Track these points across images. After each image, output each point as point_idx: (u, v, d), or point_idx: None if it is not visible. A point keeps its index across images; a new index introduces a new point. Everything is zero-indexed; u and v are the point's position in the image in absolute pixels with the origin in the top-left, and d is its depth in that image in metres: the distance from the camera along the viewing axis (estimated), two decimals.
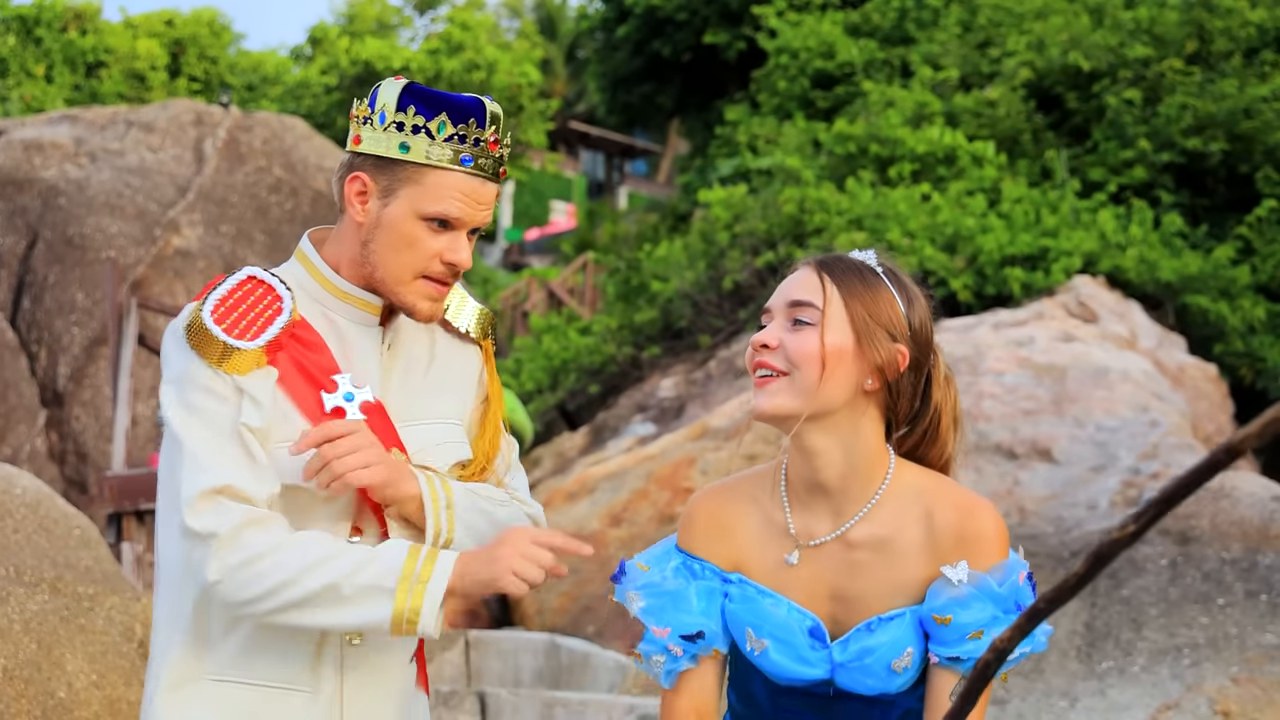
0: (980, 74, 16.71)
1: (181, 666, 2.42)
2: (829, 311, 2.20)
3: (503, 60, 26.75)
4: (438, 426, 2.54)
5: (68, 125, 15.69)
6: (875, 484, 2.21)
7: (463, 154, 2.38)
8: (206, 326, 2.37)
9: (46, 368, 13.42)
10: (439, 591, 2.26)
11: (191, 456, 2.32)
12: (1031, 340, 10.62)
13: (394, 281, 2.43)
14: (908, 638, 2.16)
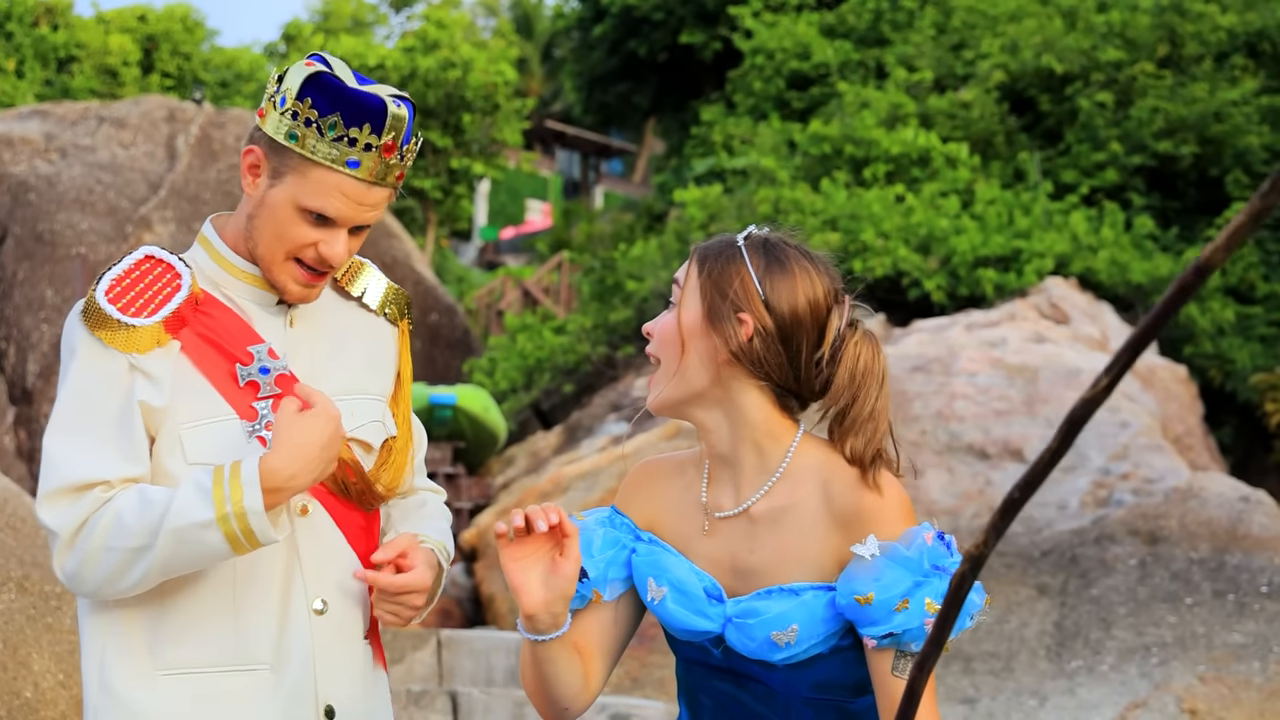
0: (954, 76, 16.77)
1: (131, 670, 2.38)
2: (685, 288, 2.24)
3: (478, 59, 26.68)
4: (360, 401, 2.53)
5: (38, 120, 15.60)
6: (777, 459, 2.22)
7: (349, 157, 2.34)
8: (100, 307, 2.35)
9: (15, 365, 13.34)
10: (253, 481, 2.23)
11: (55, 448, 2.31)
12: (1004, 341, 10.66)
13: (268, 259, 2.42)
14: (796, 615, 2.15)
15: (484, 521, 11.32)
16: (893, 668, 2.12)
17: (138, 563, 2.25)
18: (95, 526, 2.26)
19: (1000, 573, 7.77)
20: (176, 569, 2.28)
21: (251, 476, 2.24)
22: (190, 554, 2.26)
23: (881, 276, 13.14)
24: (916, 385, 10.02)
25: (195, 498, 2.24)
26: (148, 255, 2.44)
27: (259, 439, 2.40)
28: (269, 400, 2.42)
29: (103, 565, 2.26)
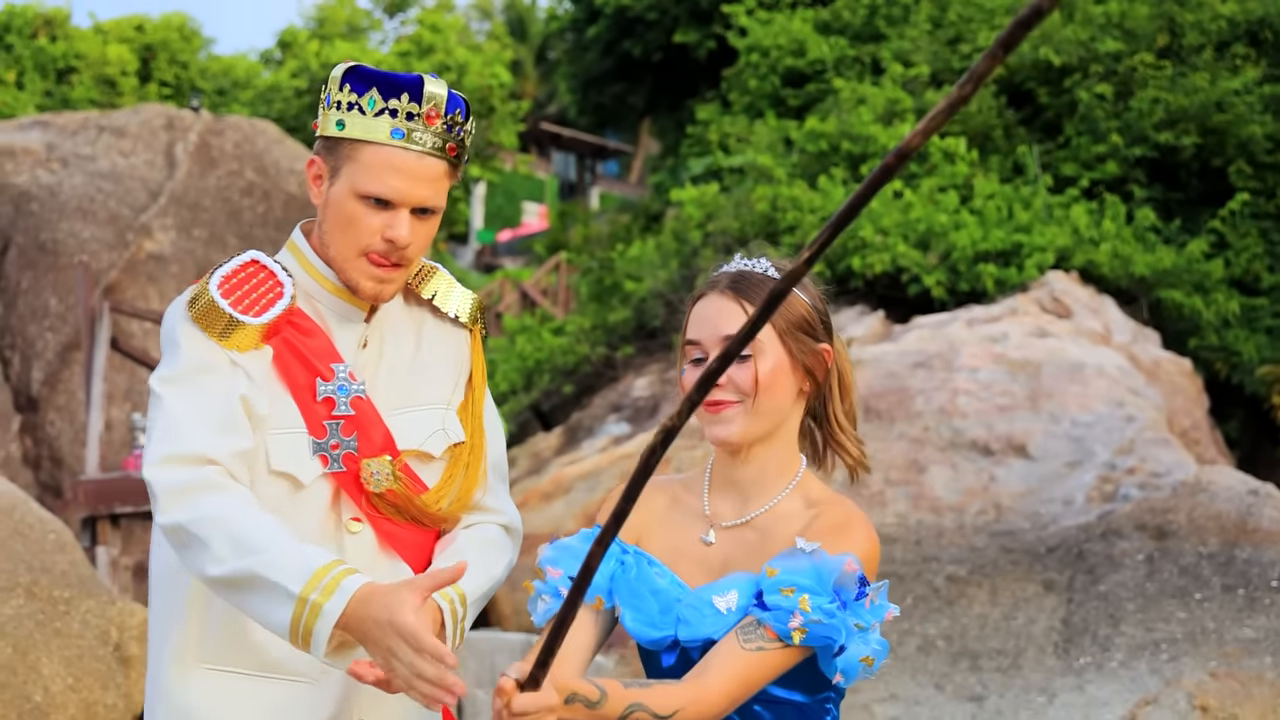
0: (951, 70, 16.75)
1: (180, 654, 2.42)
2: (764, 339, 2.38)
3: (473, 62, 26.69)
4: (425, 412, 2.54)
5: (39, 130, 15.60)
6: (788, 478, 2.41)
7: (394, 128, 2.38)
8: (214, 299, 2.38)
9: (20, 373, 13.34)
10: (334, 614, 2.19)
11: (167, 419, 2.32)
12: (1006, 336, 10.65)
13: (340, 260, 2.44)
14: (735, 583, 2.32)
15: None
16: (741, 628, 2.26)
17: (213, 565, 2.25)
18: (205, 509, 2.26)
19: (1006, 569, 7.76)
20: (235, 599, 2.28)
21: (349, 589, 2.21)
22: (254, 604, 2.25)
23: (880, 273, 13.12)
24: (918, 381, 10.01)
25: (298, 566, 2.22)
26: (254, 260, 2.49)
27: (321, 457, 2.43)
28: (340, 421, 2.44)
29: (192, 548, 2.27)
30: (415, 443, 2.52)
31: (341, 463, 2.45)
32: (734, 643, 2.25)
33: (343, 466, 2.45)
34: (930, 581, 7.84)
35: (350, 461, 2.46)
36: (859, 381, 10.25)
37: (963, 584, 7.74)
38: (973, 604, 7.57)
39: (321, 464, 2.43)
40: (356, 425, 2.46)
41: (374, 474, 2.45)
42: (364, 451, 2.46)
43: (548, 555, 2.52)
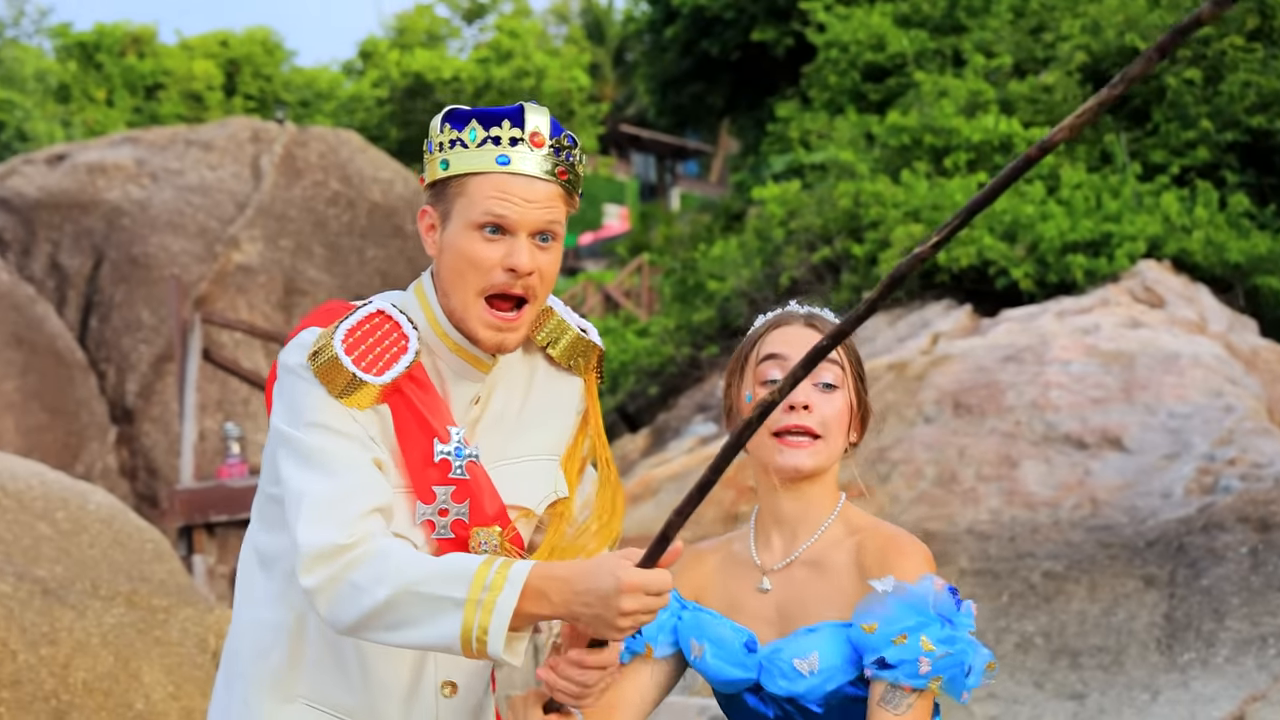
0: (1034, 60, 16.57)
1: (278, 683, 2.39)
2: (847, 374, 2.44)
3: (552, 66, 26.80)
4: (529, 464, 2.47)
5: (129, 147, 15.85)
6: (827, 513, 2.43)
7: (499, 154, 2.32)
8: (338, 356, 2.31)
9: (115, 385, 13.55)
10: (509, 606, 2.13)
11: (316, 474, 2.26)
12: (1097, 327, 10.50)
13: (461, 307, 2.35)
14: (816, 644, 2.31)
15: None
16: (881, 698, 2.25)
17: (374, 607, 2.18)
18: (349, 559, 2.20)
19: (1105, 564, 7.65)
20: (403, 635, 2.19)
21: (519, 575, 2.15)
22: (420, 629, 2.17)
23: (967, 266, 13.00)
24: (1009, 375, 9.90)
25: (457, 573, 2.17)
26: (380, 310, 2.39)
27: (427, 523, 2.36)
28: (452, 487, 2.37)
29: (340, 595, 2.20)
30: (517, 498, 2.44)
31: (450, 529, 2.37)
32: (881, 714, 2.24)
33: (451, 534, 2.37)
34: (1026, 578, 7.75)
35: (460, 528, 2.37)
36: (947, 376, 10.16)
37: (1060, 580, 7.63)
38: (1071, 600, 7.46)
39: (428, 530, 2.36)
40: (469, 492, 2.37)
41: (482, 544, 2.37)
42: (475, 520, 2.38)
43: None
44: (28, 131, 25.69)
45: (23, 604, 4.77)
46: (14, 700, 4.53)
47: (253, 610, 2.45)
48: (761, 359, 2.43)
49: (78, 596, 5.13)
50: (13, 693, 4.54)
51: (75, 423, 12.97)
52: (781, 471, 2.37)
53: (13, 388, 12.47)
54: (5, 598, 4.69)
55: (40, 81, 27.78)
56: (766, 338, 2.46)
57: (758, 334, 2.48)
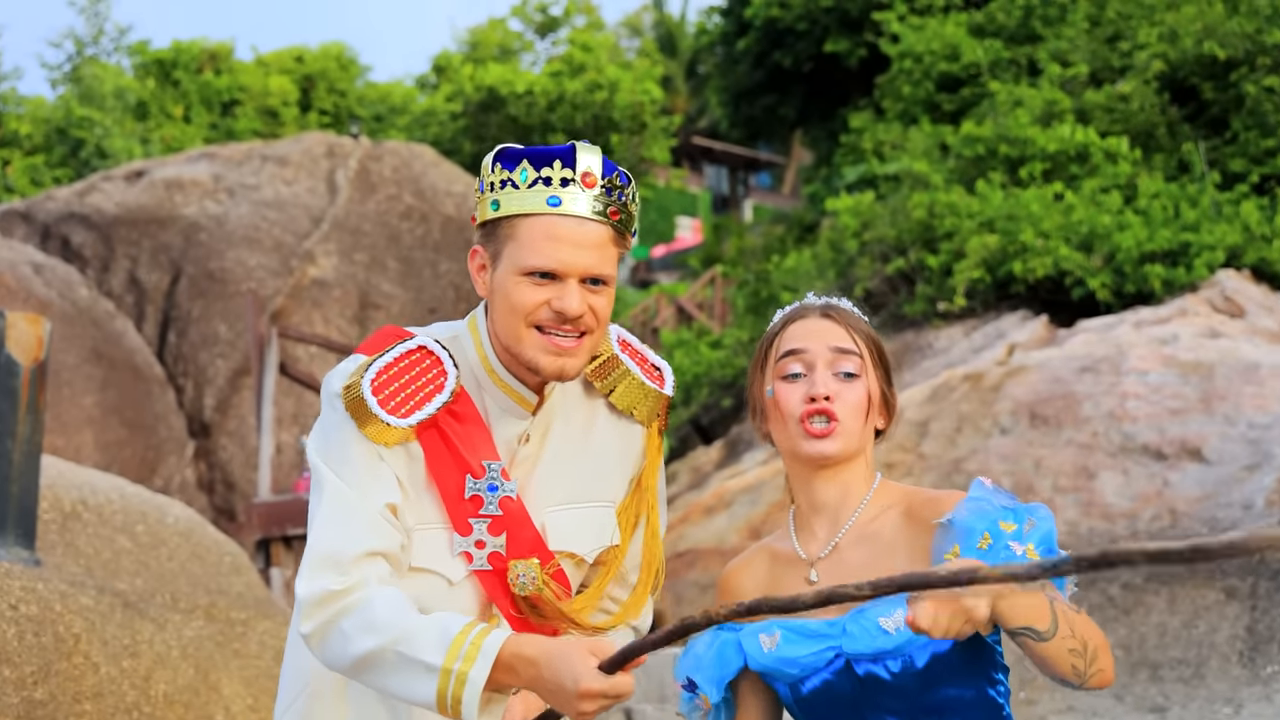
0: (1111, 69, 16.40)
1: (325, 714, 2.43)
2: (866, 361, 2.42)
3: (624, 79, 26.86)
4: (587, 510, 2.47)
5: (206, 163, 16.06)
6: (862, 494, 2.42)
7: (550, 195, 2.29)
8: (363, 397, 2.32)
9: (193, 400, 13.72)
10: (480, 680, 2.14)
11: (323, 518, 2.29)
12: (1175, 338, 10.37)
13: (514, 341, 2.34)
14: (899, 599, 2.25)
15: None
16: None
17: (359, 657, 2.22)
18: (341, 607, 2.23)
19: (1184, 576, 7.55)
20: (386, 686, 2.23)
21: (492, 649, 2.16)
22: (401, 685, 2.21)
23: (1043, 277, 12.89)
24: (1085, 386, 9.79)
25: (435, 638, 2.18)
26: (421, 347, 2.39)
27: (464, 554, 2.37)
28: (487, 520, 2.38)
29: (331, 641, 2.24)
30: (569, 545, 2.43)
31: (487, 561, 2.38)
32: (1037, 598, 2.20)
33: (489, 565, 2.38)
34: (1105, 590, 7.66)
35: (497, 560, 2.38)
36: (1023, 387, 10.07)
37: (1139, 592, 7.54)
38: (1150, 612, 7.37)
39: (466, 561, 2.36)
40: (504, 526, 2.38)
41: (520, 576, 2.37)
42: (512, 553, 2.38)
43: (676, 664, 2.51)
44: (107, 149, 26.10)
45: (104, 617, 4.84)
46: (97, 712, 4.59)
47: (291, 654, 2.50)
48: (781, 355, 2.42)
49: (158, 609, 5.20)
50: (95, 705, 4.60)
51: (154, 437, 13.14)
52: (809, 459, 2.38)
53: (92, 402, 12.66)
54: (87, 611, 4.76)
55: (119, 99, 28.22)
56: (785, 332, 2.46)
57: (776, 329, 2.48)
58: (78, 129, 26.54)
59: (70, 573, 5.21)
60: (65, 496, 5.78)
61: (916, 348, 13.10)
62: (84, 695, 4.56)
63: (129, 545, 5.77)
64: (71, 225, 15.00)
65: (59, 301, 13.00)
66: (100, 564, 5.54)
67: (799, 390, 2.39)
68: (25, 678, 4.34)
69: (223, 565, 5.93)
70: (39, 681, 4.39)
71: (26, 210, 15.42)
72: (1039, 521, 2.23)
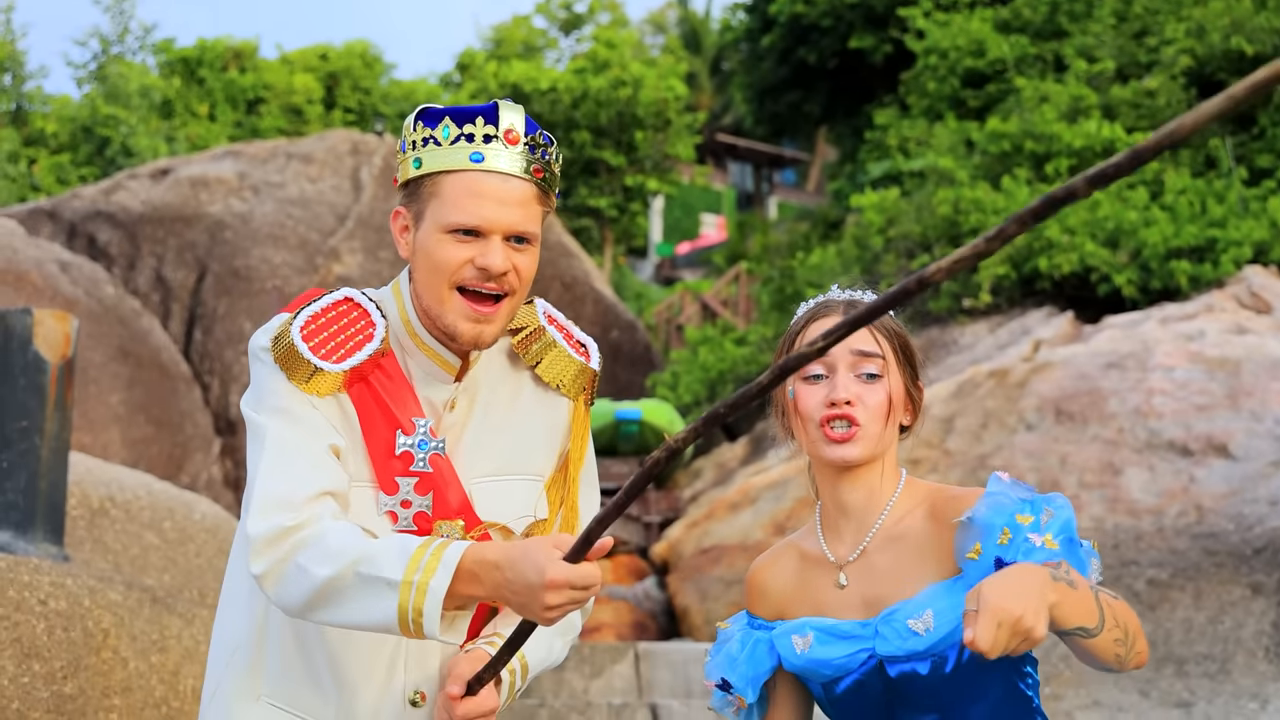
0: (1137, 64, 16.34)
1: (244, 682, 2.38)
2: (889, 362, 2.42)
3: (648, 76, 26.82)
4: (515, 483, 2.44)
5: (231, 160, 16.12)
6: (888, 496, 2.41)
7: (472, 151, 2.29)
8: (294, 344, 2.31)
9: (219, 397, 13.78)
10: (440, 590, 2.10)
11: (269, 461, 2.25)
12: (1202, 334, 10.33)
13: (435, 303, 2.33)
14: (927, 601, 2.28)
15: (674, 534, 11.34)
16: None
17: (316, 588, 2.17)
18: (295, 541, 2.19)
19: (1210, 572, 7.52)
20: (346, 615, 2.18)
21: (453, 558, 2.13)
22: (360, 610, 2.15)
23: (1069, 273, 12.85)
24: (1111, 382, 9.77)
25: (394, 555, 2.15)
26: (347, 298, 2.40)
27: (390, 514, 2.34)
28: (415, 479, 2.35)
29: (286, 577, 2.19)
30: (498, 515, 2.41)
31: (412, 522, 2.34)
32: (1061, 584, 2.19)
33: (414, 526, 2.34)
34: (1130, 586, 7.64)
35: (422, 521, 2.34)
36: (1049, 384, 10.05)
37: (1165, 588, 7.52)
38: (1176, 608, 7.35)
39: (390, 521, 2.33)
40: (432, 484, 2.35)
41: (444, 537, 2.32)
42: (438, 513, 2.35)
43: (707, 663, 2.51)
44: (132, 147, 26.20)
45: (133, 612, 4.87)
46: (125, 707, 4.62)
47: (226, 610, 2.46)
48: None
49: (185, 605, 5.23)
50: (124, 699, 4.63)
51: (180, 434, 13.20)
52: (831, 463, 2.39)
53: (118, 400, 12.72)
54: (116, 606, 4.80)
55: (144, 97, 28.33)
56: (806, 331, 2.46)
57: (798, 326, 2.48)
58: (103, 127, 26.65)
59: (99, 568, 5.24)
60: (93, 493, 5.82)
61: (942, 344, 13.07)
62: (113, 690, 4.59)
63: (156, 541, 5.81)
64: (97, 223, 15.08)
65: (85, 299, 13.07)
66: (128, 559, 5.58)
67: (820, 393, 2.40)
68: (55, 672, 4.38)
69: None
70: (68, 676, 4.42)
71: (53, 209, 15.50)
72: (1056, 511, 2.23)
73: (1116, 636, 2.19)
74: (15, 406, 5.09)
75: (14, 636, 4.31)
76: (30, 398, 5.10)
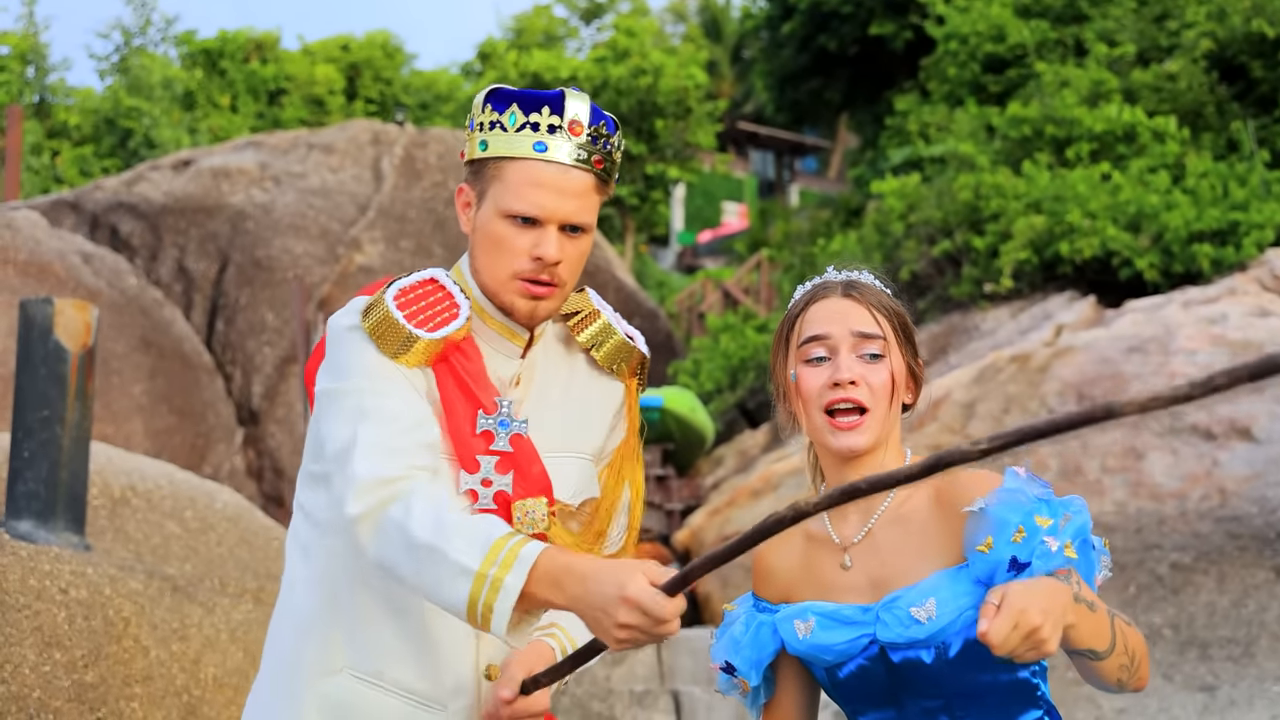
0: (1158, 48, 16.26)
1: (317, 658, 2.38)
2: (890, 342, 2.38)
3: (669, 64, 26.79)
4: (569, 460, 2.46)
5: (252, 151, 16.15)
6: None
7: (536, 141, 2.33)
8: (390, 311, 2.33)
9: (241, 387, 13.82)
10: (515, 587, 2.07)
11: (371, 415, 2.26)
12: (1224, 317, 10.29)
13: (494, 284, 2.38)
14: (930, 589, 2.26)
15: (696, 522, 11.34)
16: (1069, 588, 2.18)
17: (404, 546, 2.17)
18: (395, 491, 2.20)
19: (1234, 555, 7.49)
20: (419, 584, 2.17)
21: (529, 557, 2.10)
22: (435, 585, 2.15)
23: (1090, 258, 12.81)
24: (1133, 366, 9.73)
25: (477, 539, 2.13)
26: (433, 278, 2.44)
27: (470, 492, 2.35)
28: (495, 457, 2.37)
29: (381, 525, 2.20)
30: (565, 493, 2.42)
31: (492, 500, 2.35)
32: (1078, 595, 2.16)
33: (494, 505, 2.35)
34: (1153, 570, 7.61)
35: (502, 500, 2.36)
36: (1070, 368, 10.01)
37: (1188, 572, 7.49)
38: (1199, 592, 7.32)
39: (471, 499, 2.34)
40: (514, 464, 2.37)
41: (529, 513, 2.35)
42: (518, 492, 2.37)
43: (713, 645, 2.51)
44: (155, 138, 26.29)
45: (153, 601, 4.89)
46: (146, 695, 4.65)
47: (293, 597, 2.45)
48: (803, 340, 2.40)
49: (206, 594, 5.25)
50: (145, 688, 4.66)
51: (202, 424, 13.25)
52: (838, 453, 2.36)
53: (141, 390, 12.78)
54: (137, 595, 4.82)
55: (167, 89, 28.41)
56: (806, 314, 2.43)
57: (797, 309, 2.45)
58: (126, 119, 26.74)
59: (120, 557, 5.27)
60: (114, 482, 5.85)
61: (963, 329, 13.03)
62: (134, 678, 4.61)
63: (178, 530, 5.83)
64: (120, 215, 15.13)
65: (108, 290, 13.13)
66: (149, 549, 5.60)
67: (823, 374, 2.37)
68: (76, 661, 4.40)
69: (270, 550, 5.99)
70: (89, 665, 4.44)
71: (75, 200, 15.56)
72: (1074, 515, 2.20)
73: (1123, 663, 2.20)
74: (36, 396, 5.12)
75: (35, 625, 4.33)
76: (51, 387, 5.13)
